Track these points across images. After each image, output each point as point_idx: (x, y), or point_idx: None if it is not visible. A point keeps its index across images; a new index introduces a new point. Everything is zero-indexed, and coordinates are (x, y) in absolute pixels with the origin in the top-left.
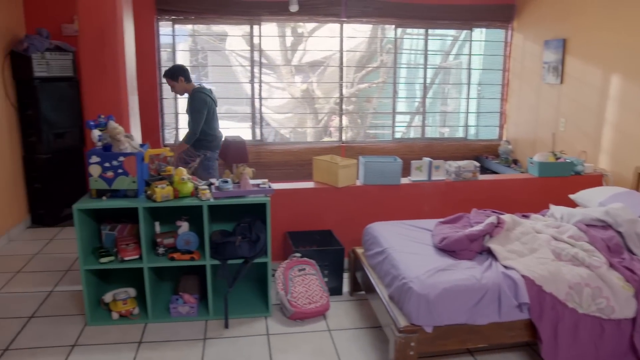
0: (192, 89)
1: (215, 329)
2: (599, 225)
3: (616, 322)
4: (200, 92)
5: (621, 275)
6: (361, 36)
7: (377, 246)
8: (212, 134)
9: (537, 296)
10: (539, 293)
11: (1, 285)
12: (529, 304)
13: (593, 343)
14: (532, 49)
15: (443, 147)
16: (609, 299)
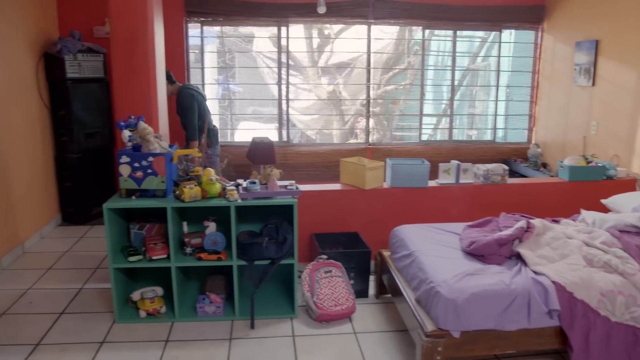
0: (179, 88)
1: (241, 329)
2: (633, 231)
3: None
4: (186, 89)
5: None
6: (388, 38)
7: (404, 249)
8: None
9: (568, 303)
10: (570, 300)
11: (33, 282)
12: (560, 310)
13: (626, 353)
14: (563, 50)
15: (470, 150)
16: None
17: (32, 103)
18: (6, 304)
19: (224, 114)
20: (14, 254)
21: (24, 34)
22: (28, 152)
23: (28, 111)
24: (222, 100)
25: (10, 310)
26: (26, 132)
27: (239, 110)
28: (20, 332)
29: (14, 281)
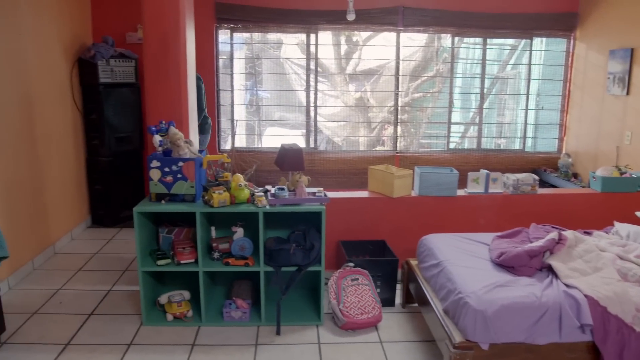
0: None
1: (266, 335)
2: None
3: None
4: None
5: None
6: (417, 45)
7: (433, 258)
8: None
9: (601, 318)
10: (603, 314)
11: (64, 282)
12: (592, 325)
13: None
14: (596, 58)
15: (499, 159)
16: None
17: (65, 107)
18: (38, 303)
19: (251, 120)
20: (45, 255)
21: (59, 40)
22: (61, 155)
23: (62, 115)
24: (250, 106)
25: (42, 309)
26: (59, 136)
27: (266, 117)
28: (50, 331)
29: (45, 281)
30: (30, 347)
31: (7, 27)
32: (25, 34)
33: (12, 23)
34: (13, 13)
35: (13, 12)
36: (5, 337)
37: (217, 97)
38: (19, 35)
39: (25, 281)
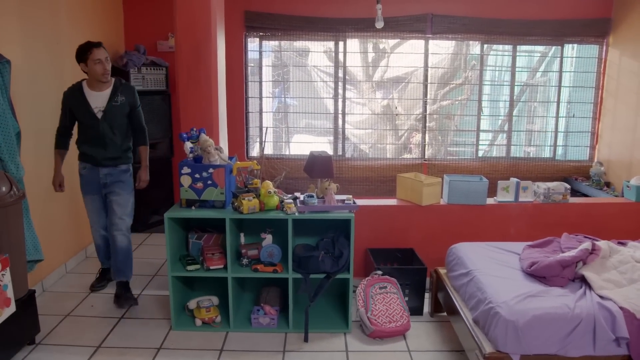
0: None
1: (294, 342)
2: None
3: None
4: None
5: None
6: (444, 52)
7: (462, 267)
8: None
9: (638, 331)
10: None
11: None
12: (629, 339)
13: None
14: (630, 65)
15: (529, 167)
16: None
17: None
18: (71, 305)
19: (278, 127)
20: (77, 258)
21: None
22: None
23: None
24: (277, 113)
25: (74, 312)
26: None
27: (292, 124)
28: (82, 333)
29: (77, 284)
30: (63, 348)
31: (49, 36)
32: (63, 43)
33: (52, 33)
34: (53, 23)
35: (53, 22)
36: (40, 338)
37: (245, 104)
38: (57, 44)
39: (59, 284)
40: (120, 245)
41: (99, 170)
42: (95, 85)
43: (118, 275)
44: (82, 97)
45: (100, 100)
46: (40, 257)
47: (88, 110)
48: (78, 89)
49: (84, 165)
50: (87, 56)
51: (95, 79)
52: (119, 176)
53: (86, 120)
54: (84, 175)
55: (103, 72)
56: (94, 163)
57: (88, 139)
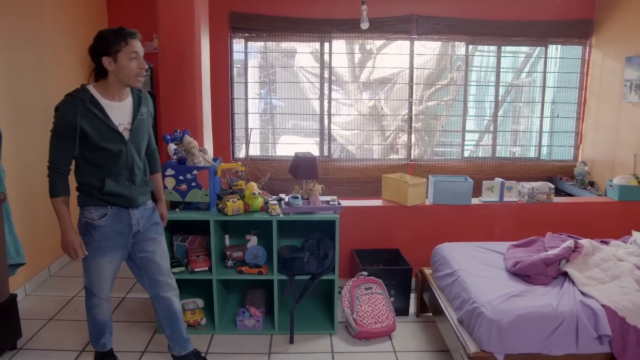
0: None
1: (280, 343)
2: None
3: None
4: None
5: None
6: (430, 53)
7: (447, 267)
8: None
9: (620, 329)
10: (622, 325)
11: (79, 289)
12: (611, 336)
13: None
14: (612, 66)
15: (514, 167)
16: None
17: None
18: (54, 309)
19: (265, 128)
20: (61, 262)
21: (75, 49)
22: None
23: None
24: (263, 115)
25: (57, 316)
26: None
27: (279, 125)
28: (66, 338)
29: (61, 288)
30: (45, 353)
31: (30, 37)
32: (45, 44)
33: (34, 34)
34: (35, 24)
35: (35, 24)
36: (22, 343)
37: (231, 105)
38: (39, 45)
39: (42, 288)
40: (178, 308)
41: (131, 215)
42: (115, 92)
43: (185, 346)
44: (99, 111)
45: (123, 113)
46: (22, 261)
47: (113, 130)
48: (90, 99)
49: (102, 211)
50: (119, 48)
51: (125, 81)
52: (152, 217)
53: (111, 144)
54: (102, 227)
55: (140, 71)
56: (124, 205)
57: (112, 171)
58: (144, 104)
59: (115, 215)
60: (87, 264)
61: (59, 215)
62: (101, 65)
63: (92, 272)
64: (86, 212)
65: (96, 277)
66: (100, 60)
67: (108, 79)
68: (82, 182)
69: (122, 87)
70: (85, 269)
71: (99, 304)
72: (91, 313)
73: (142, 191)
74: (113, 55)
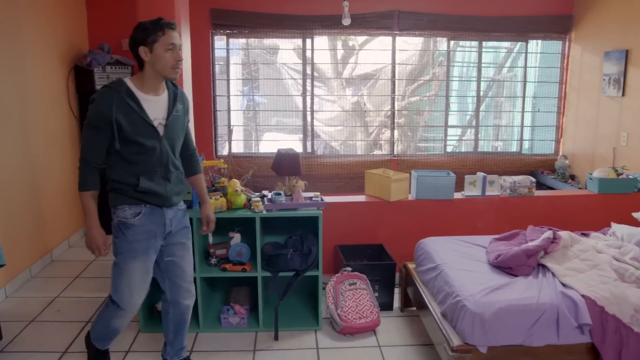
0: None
1: (265, 340)
2: None
3: None
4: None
5: None
6: (412, 49)
7: (430, 262)
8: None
9: (599, 318)
10: (601, 314)
11: (61, 289)
12: (591, 325)
13: None
14: (591, 60)
15: (496, 162)
16: None
17: (62, 114)
18: (35, 310)
19: (248, 125)
20: (43, 262)
21: (55, 47)
22: (58, 161)
23: (58, 122)
24: (247, 112)
25: (39, 317)
26: (56, 142)
27: (263, 122)
28: (48, 339)
29: (43, 289)
30: (27, 355)
31: (6, 35)
32: (22, 42)
33: (10, 32)
34: (11, 21)
35: (11, 21)
36: (3, 345)
37: (213, 103)
38: (16, 43)
39: (23, 289)
40: (189, 317)
41: (164, 214)
42: (151, 85)
43: (181, 354)
44: (136, 104)
45: (158, 108)
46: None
47: (148, 124)
48: (127, 91)
49: (136, 209)
50: (156, 38)
51: (162, 72)
52: (183, 220)
53: (145, 138)
54: (136, 226)
55: (176, 63)
56: (158, 203)
57: (147, 168)
58: (179, 101)
59: (149, 214)
60: (118, 269)
61: (86, 210)
62: (138, 56)
63: (122, 280)
64: (119, 210)
65: (126, 287)
66: (137, 50)
67: (144, 71)
68: (116, 179)
69: (159, 79)
70: (115, 277)
71: (122, 316)
72: (109, 321)
73: (177, 190)
74: (149, 45)
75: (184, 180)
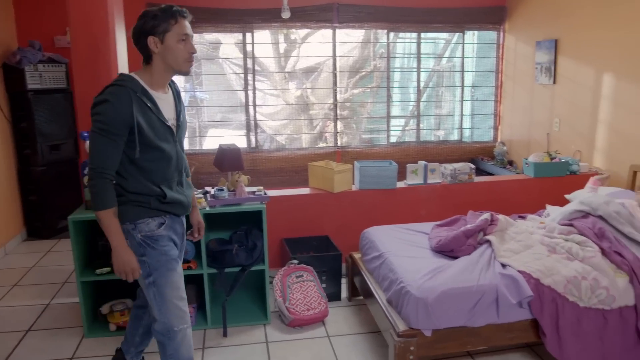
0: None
1: (213, 338)
2: (579, 216)
3: (618, 312)
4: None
5: (613, 263)
6: (354, 41)
7: (375, 251)
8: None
9: (536, 290)
10: (537, 286)
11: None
12: (532, 296)
13: (598, 336)
14: (524, 50)
15: (438, 150)
16: (608, 289)
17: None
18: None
19: (192, 122)
20: None
21: None
22: None
23: None
24: (190, 108)
25: None
26: None
27: (208, 118)
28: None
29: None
30: None
31: None
32: None
33: None
34: None
35: None
36: None
37: None
38: None
39: None
40: None
41: (183, 224)
42: (160, 81)
43: (141, 354)
44: (153, 104)
45: (169, 108)
46: None
47: (166, 127)
48: (141, 89)
49: (160, 220)
50: (168, 27)
51: (173, 66)
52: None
53: (163, 142)
54: (163, 236)
55: (189, 56)
56: (180, 212)
57: (165, 175)
58: (180, 99)
59: (171, 225)
60: (158, 289)
61: (110, 231)
62: (145, 47)
63: (168, 300)
64: (142, 225)
65: (172, 305)
66: (145, 41)
67: (152, 65)
68: (136, 190)
69: (168, 74)
70: (158, 298)
71: (185, 336)
72: (178, 350)
73: (190, 195)
74: (160, 35)
75: (191, 184)
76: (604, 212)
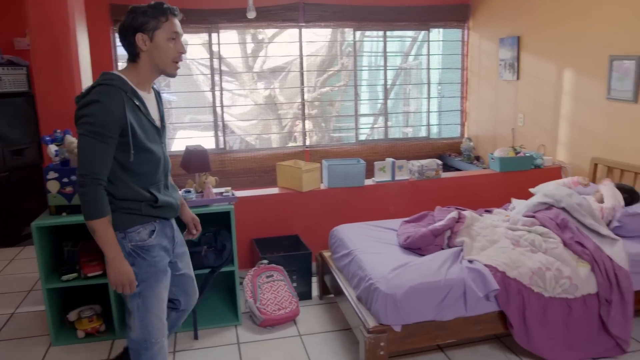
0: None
1: (184, 341)
2: (542, 208)
3: (581, 300)
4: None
5: (574, 253)
6: (321, 40)
7: (344, 248)
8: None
9: (502, 282)
10: (504, 279)
11: None
12: (498, 289)
13: (564, 324)
14: (488, 47)
15: (407, 147)
16: (571, 278)
17: None
18: None
19: None
20: None
21: None
22: None
23: None
24: None
25: None
26: None
27: (176, 120)
28: None
29: None
30: None
31: None
32: None
33: None
34: None
35: None
36: None
37: None
38: None
39: None
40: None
41: (173, 227)
42: (146, 80)
43: None
44: (142, 104)
45: (153, 108)
46: None
47: (154, 127)
48: (131, 89)
49: (150, 228)
50: (158, 24)
51: (160, 65)
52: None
53: (153, 143)
54: (154, 245)
55: (178, 56)
56: (170, 216)
57: (154, 179)
58: (161, 99)
59: (161, 230)
60: (142, 300)
61: (106, 242)
62: (132, 45)
63: (151, 313)
64: (132, 234)
65: (155, 317)
66: (133, 38)
67: (139, 63)
68: (127, 197)
69: (154, 74)
70: (140, 310)
71: (162, 347)
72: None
73: (178, 197)
74: (149, 32)
75: (175, 186)
76: (566, 204)
